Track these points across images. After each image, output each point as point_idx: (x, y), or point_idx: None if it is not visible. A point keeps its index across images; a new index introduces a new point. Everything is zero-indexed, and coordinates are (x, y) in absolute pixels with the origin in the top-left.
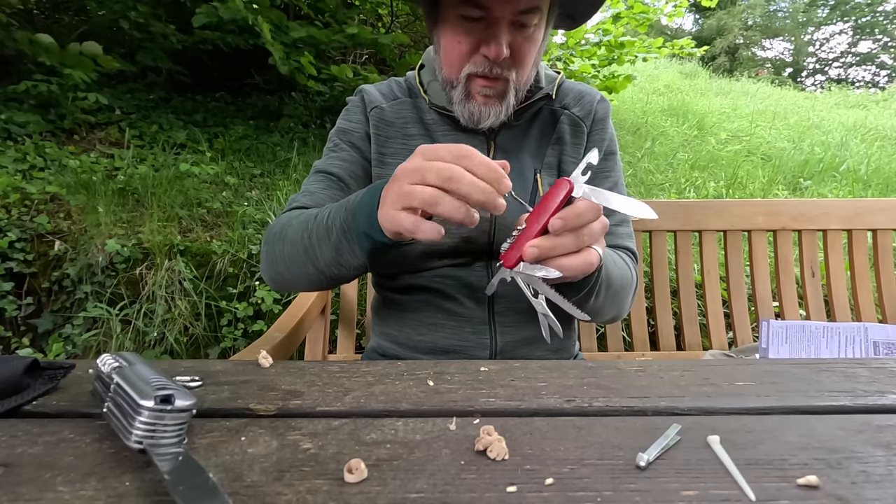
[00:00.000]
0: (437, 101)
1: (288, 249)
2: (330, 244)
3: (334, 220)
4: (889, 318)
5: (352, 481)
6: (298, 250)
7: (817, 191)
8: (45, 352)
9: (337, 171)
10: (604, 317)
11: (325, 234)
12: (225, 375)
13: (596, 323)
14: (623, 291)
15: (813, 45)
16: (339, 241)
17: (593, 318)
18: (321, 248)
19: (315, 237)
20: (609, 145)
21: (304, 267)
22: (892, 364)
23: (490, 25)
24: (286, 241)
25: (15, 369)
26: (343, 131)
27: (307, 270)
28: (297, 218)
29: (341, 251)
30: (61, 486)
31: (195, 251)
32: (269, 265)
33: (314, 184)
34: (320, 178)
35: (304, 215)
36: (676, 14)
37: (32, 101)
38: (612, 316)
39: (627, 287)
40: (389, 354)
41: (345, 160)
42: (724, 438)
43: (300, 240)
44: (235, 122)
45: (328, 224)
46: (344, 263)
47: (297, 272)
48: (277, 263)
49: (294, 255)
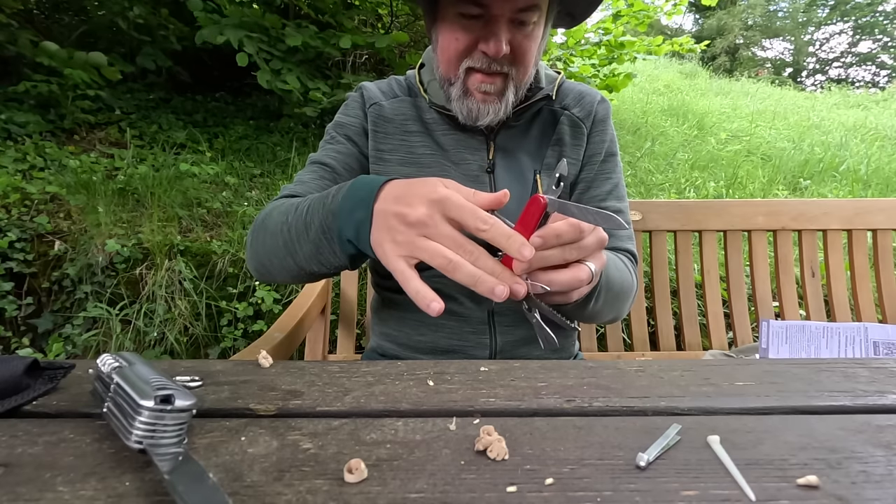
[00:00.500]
0: (436, 100)
1: (269, 241)
2: (309, 240)
3: (313, 217)
4: (889, 318)
5: (352, 481)
6: (278, 242)
7: (817, 191)
8: (45, 352)
9: (331, 162)
10: (602, 319)
11: (303, 230)
12: (225, 375)
13: (595, 324)
14: (623, 295)
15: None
16: (318, 239)
17: (591, 321)
18: (300, 243)
19: (294, 231)
20: (609, 146)
21: (284, 260)
22: (892, 364)
23: (489, 23)
24: (267, 231)
25: (15, 369)
26: (340, 125)
27: (287, 264)
28: (278, 208)
29: (321, 249)
30: (61, 486)
31: (195, 251)
32: (253, 255)
33: (307, 174)
34: (314, 168)
35: (285, 205)
36: (676, 12)
37: (32, 101)
38: (610, 318)
39: (627, 291)
40: (389, 354)
41: (339, 152)
42: (724, 438)
43: (279, 232)
44: (235, 122)
45: (307, 219)
46: (324, 262)
47: (278, 264)
48: (259, 254)
49: (274, 248)
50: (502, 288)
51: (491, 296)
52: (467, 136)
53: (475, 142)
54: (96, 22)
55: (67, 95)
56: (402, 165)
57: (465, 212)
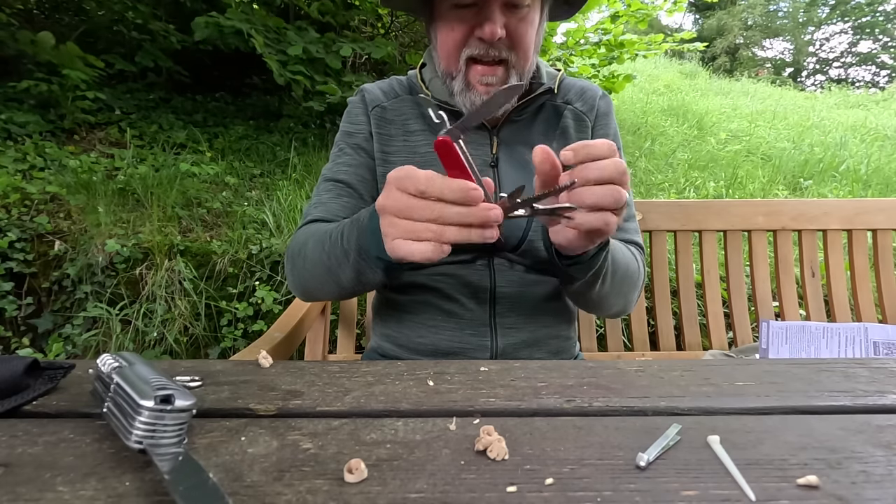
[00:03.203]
0: (439, 97)
1: (310, 268)
2: (349, 265)
3: (349, 243)
4: (889, 318)
5: (352, 481)
6: (320, 270)
7: (817, 191)
8: (45, 352)
9: (345, 178)
10: (609, 309)
11: (343, 257)
12: (225, 375)
13: (603, 316)
14: (629, 281)
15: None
16: (357, 263)
17: (599, 310)
18: (342, 269)
19: (334, 259)
20: (613, 140)
21: (329, 284)
22: (892, 364)
23: (482, 9)
24: (307, 260)
25: (15, 369)
26: (347, 134)
27: (332, 287)
28: (313, 236)
29: (362, 271)
30: (61, 486)
31: (195, 251)
32: (297, 281)
33: (325, 193)
34: (329, 186)
35: (319, 233)
36: (677, 9)
37: (32, 101)
38: (617, 309)
39: (634, 277)
40: (389, 355)
41: (350, 165)
42: (724, 438)
43: (321, 260)
44: (235, 122)
45: (344, 247)
46: (366, 281)
47: (325, 288)
48: (305, 280)
49: (317, 274)
50: (491, 231)
51: (484, 239)
52: (470, 131)
53: (478, 136)
54: (96, 22)
55: (67, 95)
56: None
57: (405, 181)
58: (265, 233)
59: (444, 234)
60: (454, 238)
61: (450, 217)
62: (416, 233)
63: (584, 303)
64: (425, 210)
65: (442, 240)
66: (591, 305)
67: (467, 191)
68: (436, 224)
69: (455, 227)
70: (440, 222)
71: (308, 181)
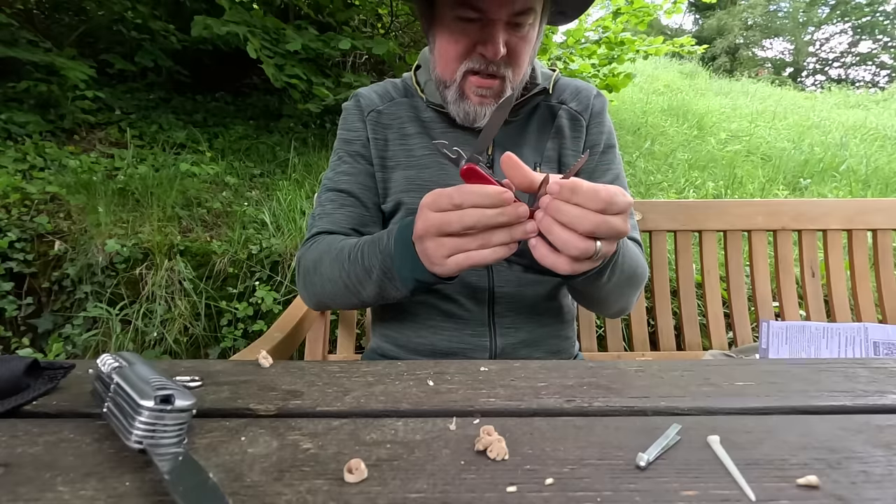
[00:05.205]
0: (433, 100)
1: (328, 285)
2: (372, 283)
3: (372, 263)
4: (889, 318)
5: (352, 481)
6: (339, 287)
7: (817, 191)
8: (45, 352)
9: (346, 188)
10: (610, 308)
11: (364, 275)
12: (225, 375)
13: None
14: (634, 278)
15: (813, 45)
16: (381, 281)
17: (600, 308)
18: (363, 286)
19: (354, 277)
20: (608, 138)
21: (347, 298)
22: (892, 364)
23: (486, 26)
24: (323, 277)
25: (15, 369)
26: (345, 142)
27: (351, 301)
28: (327, 254)
29: (385, 288)
30: (61, 486)
31: (195, 251)
32: (312, 296)
33: (328, 203)
34: (332, 196)
35: (333, 250)
36: (675, 10)
37: (32, 101)
38: (618, 308)
39: (640, 275)
40: (389, 355)
41: (350, 173)
42: (724, 438)
43: (339, 278)
44: (235, 122)
45: (366, 266)
46: (387, 297)
47: (342, 302)
48: (319, 295)
49: (335, 291)
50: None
51: (526, 235)
52: (465, 134)
53: (471, 138)
54: (96, 22)
55: (67, 95)
56: (405, 170)
57: (439, 200)
58: (265, 233)
59: (490, 238)
60: (502, 238)
61: (490, 219)
62: (464, 245)
63: (586, 300)
64: (465, 217)
65: (491, 243)
66: (592, 303)
67: (499, 194)
68: (479, 231)
69: (499, 228)
70: (480, 227)
71: (308, 181)
